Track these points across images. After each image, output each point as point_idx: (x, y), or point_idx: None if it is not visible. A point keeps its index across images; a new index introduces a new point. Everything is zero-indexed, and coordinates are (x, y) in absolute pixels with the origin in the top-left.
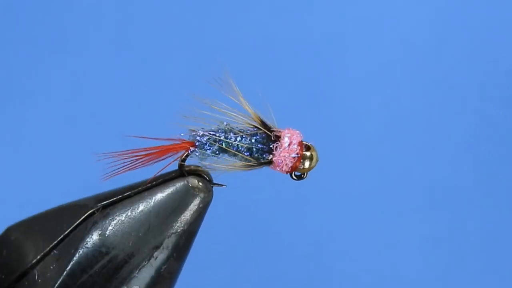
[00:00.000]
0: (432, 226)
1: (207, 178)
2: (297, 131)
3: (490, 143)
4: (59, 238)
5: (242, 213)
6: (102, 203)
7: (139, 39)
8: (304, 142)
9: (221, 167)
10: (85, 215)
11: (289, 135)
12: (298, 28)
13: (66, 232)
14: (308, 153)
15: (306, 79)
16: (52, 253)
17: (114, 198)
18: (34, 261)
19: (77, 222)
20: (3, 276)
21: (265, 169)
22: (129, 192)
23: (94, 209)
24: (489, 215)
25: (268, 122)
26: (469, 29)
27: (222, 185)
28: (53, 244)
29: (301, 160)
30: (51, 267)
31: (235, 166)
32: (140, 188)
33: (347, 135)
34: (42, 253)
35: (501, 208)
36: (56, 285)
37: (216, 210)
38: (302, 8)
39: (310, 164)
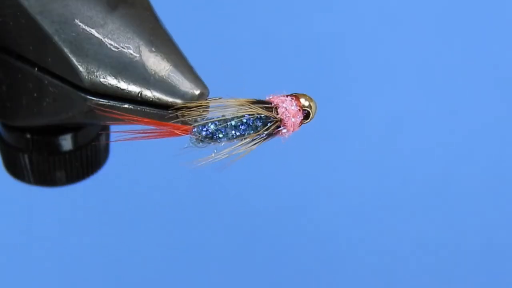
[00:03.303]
0: (433, 226)
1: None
2: (296, 111)
3: (494, 142)
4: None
5: (244, 210)
6: (99, 102)
7: None
8: (304, 108)
9: (225, 151)
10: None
11: (290, 126)
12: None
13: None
14: (307, 120)
15: (307, 78)
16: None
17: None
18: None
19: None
20: None
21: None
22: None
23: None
24: (491, 216)
25: (267, 109)
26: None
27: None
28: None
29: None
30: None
31: (237, 146)
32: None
33: (348, 135)
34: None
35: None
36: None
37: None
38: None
39: (310, 118)
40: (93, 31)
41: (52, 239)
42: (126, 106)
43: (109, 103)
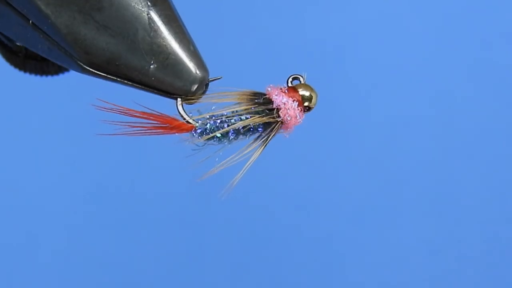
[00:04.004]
0: (435, 228)
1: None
2: (298, 112)
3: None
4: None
5: (250, 210)
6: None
7: None
8: (305, 104)
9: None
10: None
11: (292, 126)
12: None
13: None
14: (308, 112)
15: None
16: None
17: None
18: None
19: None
20: None
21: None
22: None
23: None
24: (493, 218)
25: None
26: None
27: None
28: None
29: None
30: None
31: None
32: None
33: (351, 138)
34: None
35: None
36: None
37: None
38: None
39: (311, 109)
40: (89, 17)
41: (55, 240)
42: (126, 82)
43: (108, 77)
